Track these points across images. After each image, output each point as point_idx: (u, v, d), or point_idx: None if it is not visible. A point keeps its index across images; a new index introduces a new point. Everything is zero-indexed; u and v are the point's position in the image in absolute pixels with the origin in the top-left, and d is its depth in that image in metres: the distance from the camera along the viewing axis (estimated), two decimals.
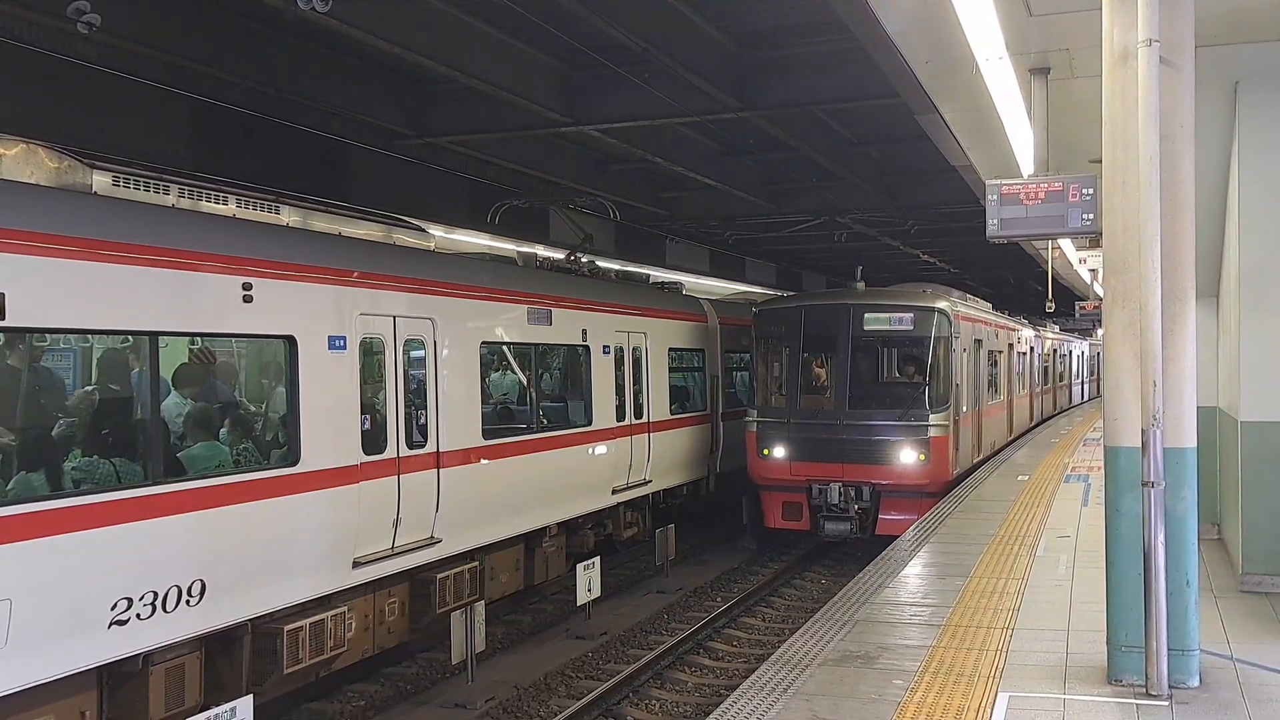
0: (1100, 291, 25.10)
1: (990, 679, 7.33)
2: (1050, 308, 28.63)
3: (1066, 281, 33.32)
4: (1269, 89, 9.49)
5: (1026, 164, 11.84)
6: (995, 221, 9.65)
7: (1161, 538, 6.78)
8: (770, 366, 18.39)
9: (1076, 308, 32.17)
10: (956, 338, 17.54)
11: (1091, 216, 9.21)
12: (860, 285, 18.57)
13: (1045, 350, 34.43)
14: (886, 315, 17.31)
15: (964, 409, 18.22)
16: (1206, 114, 7.95)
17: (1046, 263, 25.66)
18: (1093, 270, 25.54)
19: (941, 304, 17.44)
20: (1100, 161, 7.21)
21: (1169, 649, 6.81)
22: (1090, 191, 9.21)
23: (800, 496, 17.45)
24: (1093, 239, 16.37)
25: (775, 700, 7.00)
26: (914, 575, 10.67)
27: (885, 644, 8.25)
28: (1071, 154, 11.93)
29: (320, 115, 15.64)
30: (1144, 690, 6.85)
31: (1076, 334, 47.22)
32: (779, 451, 17.41)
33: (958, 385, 17.58)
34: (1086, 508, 14.69)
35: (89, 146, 10.28)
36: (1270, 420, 9.58)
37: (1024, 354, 28.27)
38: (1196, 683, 7.02)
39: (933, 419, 16.75)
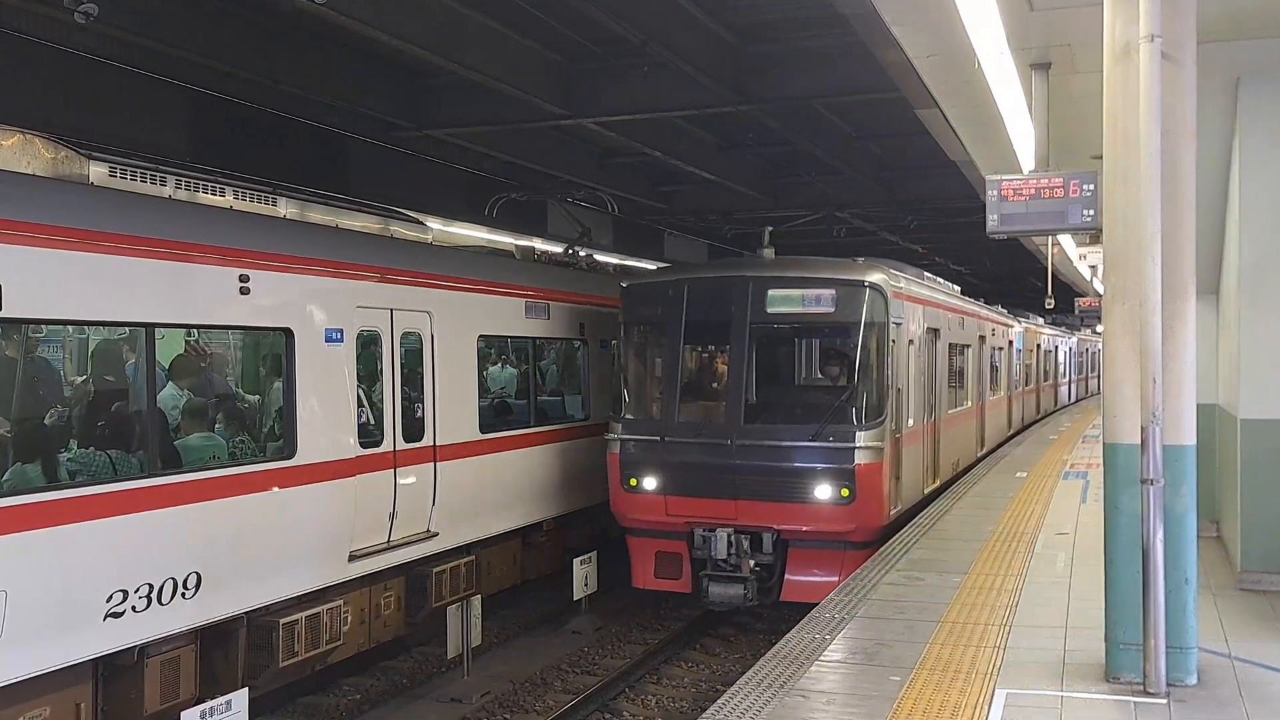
0: (1100, 288, 25.09)
1: (988, 676, 7.31)
2: (1050, 304, 28.62)
3: (1066, 277, 33.28)
4: (1271, 85, 9.46)
5: (1027, 159, 11.78)
6: (995, 217, 9.61)
7: (1160, 535, 6.76)
8: (641, 364, 13.82)
9: (1076, 304, 32.14)
10: (898, 324, 13.19)
11: (1092, 212, 9.18)
12: (767, 252, 13.75)
13: (1027, 345, 30.35)
14: (798, 293, 12.60)
15: (909, 422, 13.89)
16: (1208, 110, 7.92)
17: (1046, 259, 25.62)
18: (1092, 266, 25.44)
19: (875, 277, 12.67)
20: (1101, 157, 7.19)
21: (1167, 647, 6.79)
22: (1091, 187, 9.18)
23: (679, 545, 12.81)
24: (1093, 235, 16.41)
25: (772, 696, 6.99)
26: (911, 571, 10.65)
27: (882, 640, 8.23)
28: (1072, 150, 11.89)
29: (318, 107, 15.59)
30: (1142, 688, 6.83)
31: (1064, 328, 43.80)
32: (650, 482, 12.75)
33: (899, 390, 13.20)
34: (1085, 505, 14.68)
35: (86, 137, 10.25)
36: (1270, 418, 9.56)
37: (1000, 349, 24.31)
38: (1194, 681, 7.00)
39: (861, 438, 12.14)
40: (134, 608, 8.11)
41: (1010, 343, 26.03)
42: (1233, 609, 9.12)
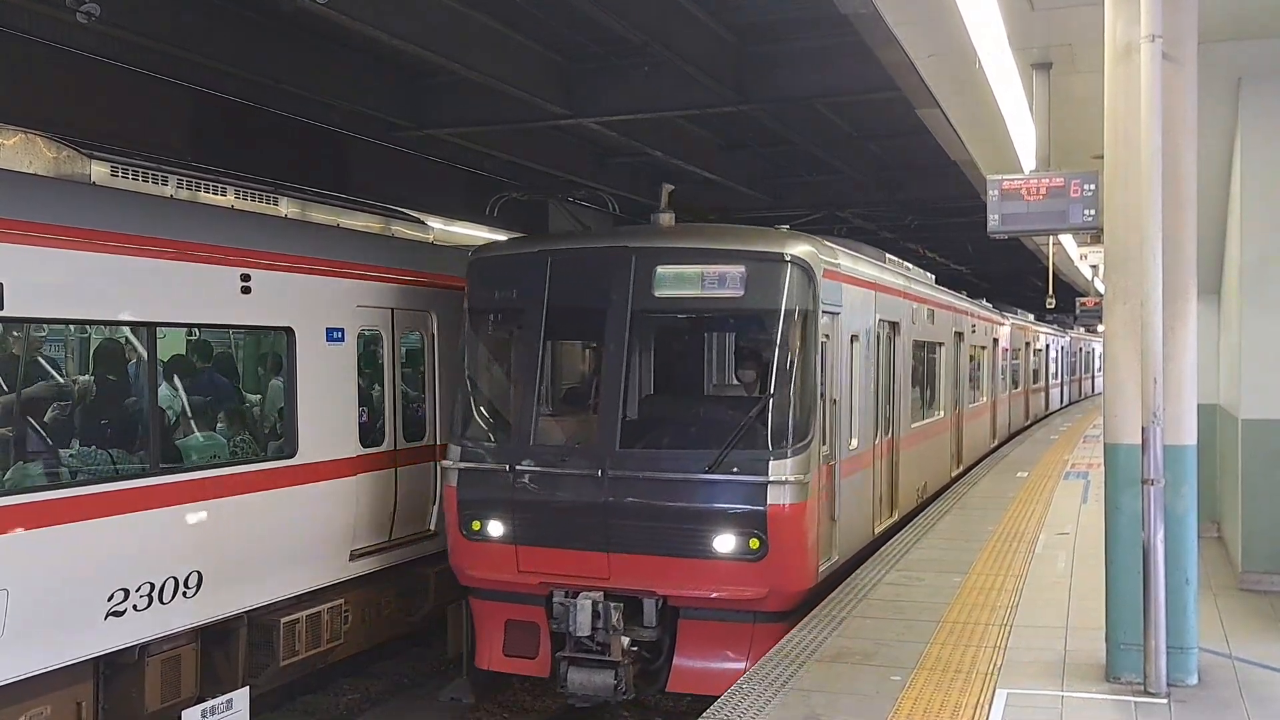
0: (1101, 287, 25.09)
1: (988, 676, 7.31)
2: (1051, 303, 28.61)
3: (1067, 277, 33.30)
4: (1272, 86, 9.47)
5: (1028, 159, 11.80)
6: (996, 217, 9.62)
7: (1161, 535, 6.76)
8: (490, 365, 10.57)
9: (1077, 304, 32.14)
10: (833, 314, 10.18)
11: (1093, 212, 9.18)
12: (664, 218, 10.45)
13: (1014, 344, 27.40)
14: (695, 270, 9.49)
15: (851, 443, 10.91)
16: (1209, 110, 7.92)
17: (1047, 259, 25.63)
18: (1093, 266, 25.45)
19: (798, 250, 9.53)
20: (1102, 157, 7.19)
21: (1168, 647, 6.79)
22: (1092, 187, 9.18)
23: (535, 612, 9.63)
24: (1094, 235, 16.38)
25: (772, 696, 6.99)
26: (912, 571, 10.65)
27: (882, 639, 8.23)
28: (1073, 149, 11.90)
29: (319, 107, 15.58)
30: (1142, 688, 6.83)
31: (1056, 325, 41.09)
32: (495, 527, 9.62)
33: (834, 401, 10.29)
34: (1086, 505, 14.68)
35: (87, 136, 10.25)
36: (1271, 418, 9.57)
37: (984, 348, 21.80)
38: (1195, 681, 7.00)
39: (777, 469, 9.04)
40: (135, 606, 8.12)
41: (995, 341, 23.66)
42: (1233, 609, 9.12)
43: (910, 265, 16.05)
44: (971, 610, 9.07)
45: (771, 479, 8.98)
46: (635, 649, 9.29)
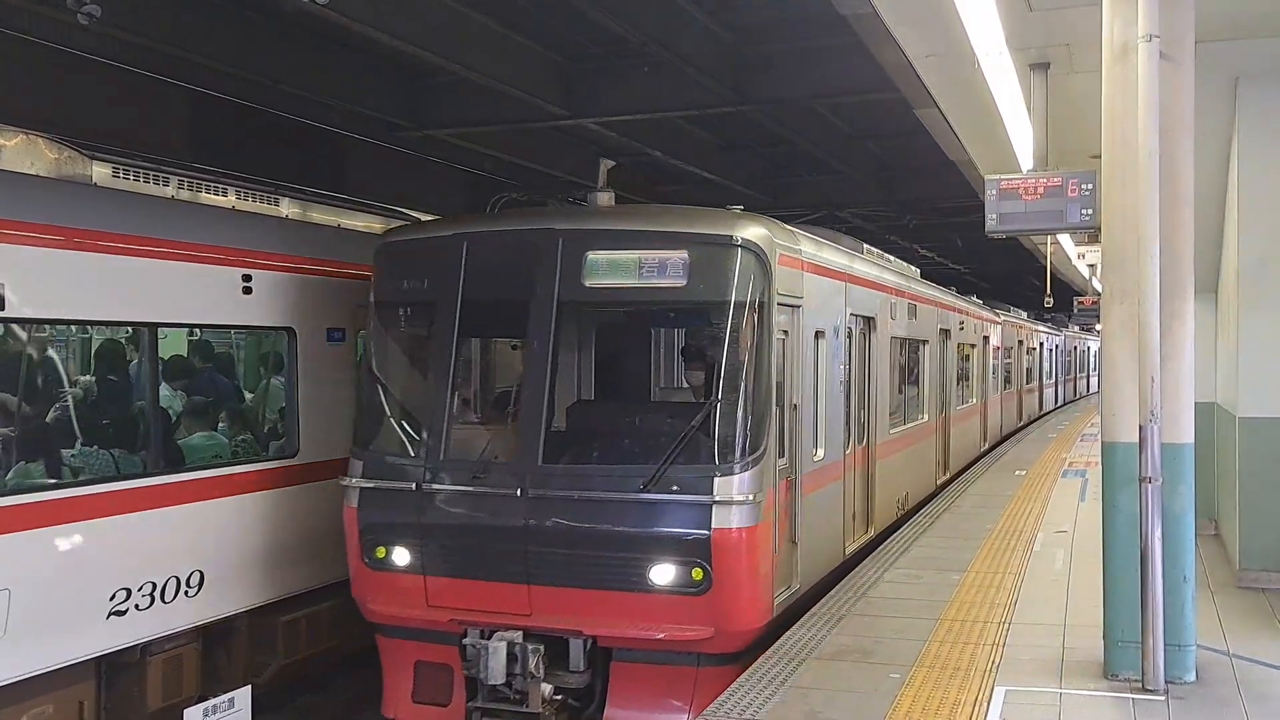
0: (1098, 287, 25.11)
1: (986, 673, 7.34)
2: (1049, 303, 28.64)
3: (1065, 277, 33.33)
4: (1269, 85, 9.49)
5: (1026, 159, 11.83)
6: (994, 217, 9.66)
7: (1159, 534, 6.78)
8: (398, 367, 9.24)
9: (1074, 303, 32.18)
10: (793, 306, 9.08)
11: (1090, 212, 9.22)
12: (602, 197, 9.33)
13: (1006, 342, 26.27)
14: (632, 256, 8.28)
15: (816, 453, 9.80)
16: (1206, 110, 7.96)
17: (1045, 258, 25.66)
18: (1091, 266, 25.48)
19: (750, 233, 8.35)
20: (1100, 157, 7.21)
21: (1165, 644, 6.82)
22: (1089, 187, 9.22)
23: (448, 653, 8.38)
24: (1091, 234, 16.42)
25: (772, 694, 7.01)
26: (910, 569, 10.67)
27: (881, 637, 8.25)
28: (1071, 149, 11.92)
29: (319, 107, 15.61)
30: (1140, 685, 6.86)
31: (1050, 323, 40.42)
32: (402, 554, 8.44)
33: (795, 407, 9.15)
34: (1084, 503, 14.70)
35: (88, 137, 10.27)
36: (1269, 416, 9.59)
37: (973, 346, 20.84)
38: (1193, 678, 7.03)
39: (724, 486, 7.85)
40: (137, 606, 8.14)
41: (986, 339, 22.62)
42: (1231, 607, 9.14)
43: (892, 258, 15.13)
44: (970, 608, 9.09)
45: (717, 499, 7.80)
46: (560, 698, 8.13)
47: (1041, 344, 35.37)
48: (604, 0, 12.66)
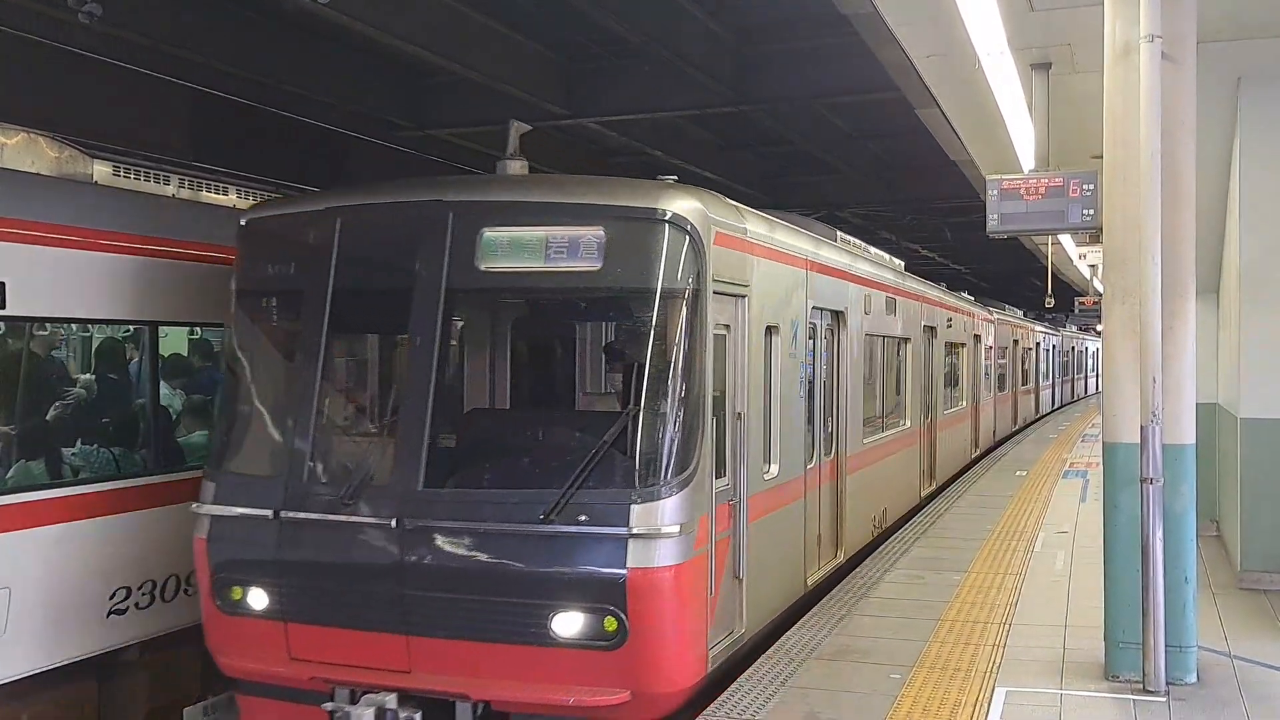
0: (1100, 287, 25.10)
1: (987, 674, 7.33)
2: (1050, 303, 28.64)
3: (1066, 277, 33.34)
4: (1271, 85, 9.49)
5: (1027, 159, 11.83)
6: (995, 216, 9.67)
7: (1160, 534, 6.78)
8: (260, 369, 7.72)
9: (1075, 303, 32.19)
10: (737, 296, 7.75)
11: (1091, 212, 9.22)
12: (512, 166, 7.88)
13: (1000, 342, 25.17)
14: (536, 234, 6.93)
15: (768, 470, 8.47)
16: (1208, 110, 7.95)
17: (1046, 258, 25.66)
18: (1092, 266, 25.49)
19: (679, 206, 6.99)
20: (1101, 157, 7.21)
21: (1166, 645, 6.81)
22: (1090, 187, 9.22)
23: (318, 716, 6.89)
24: (1093, 234, 16.41)
25: (772, 694, 7.00)
26: (910, 570, 10.67)
27: (881, 638, 8.24)
28: (1072, 149, 11.92)
29: (319, 106, 15.61)
30: (1141, 686, 6.85)
31: (1047, 322, 39.39)
32: (259, 597, 7.08)
33: (740, 415, 7.79)
34: (1085, 504, 14.70)
35: (89, 136, 10.27)
36: (1270, 417, 9.59)
37: (963, 345, 19.58)
38: (1194, 679, 7.02)
39: (644, 515, 6.52)
40: (137, 605, 8.14)
41: (977, 338, 21.40)
42: (1232, 608, 9.14)
43: (871, 247, 13.86)
44: (970, 608, 9.08)
45: (634, 530, 6.41)
46: None
47: (1038, 344, 34.35)
48: (604, 0, 12.66)
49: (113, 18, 10.44)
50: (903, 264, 15.77)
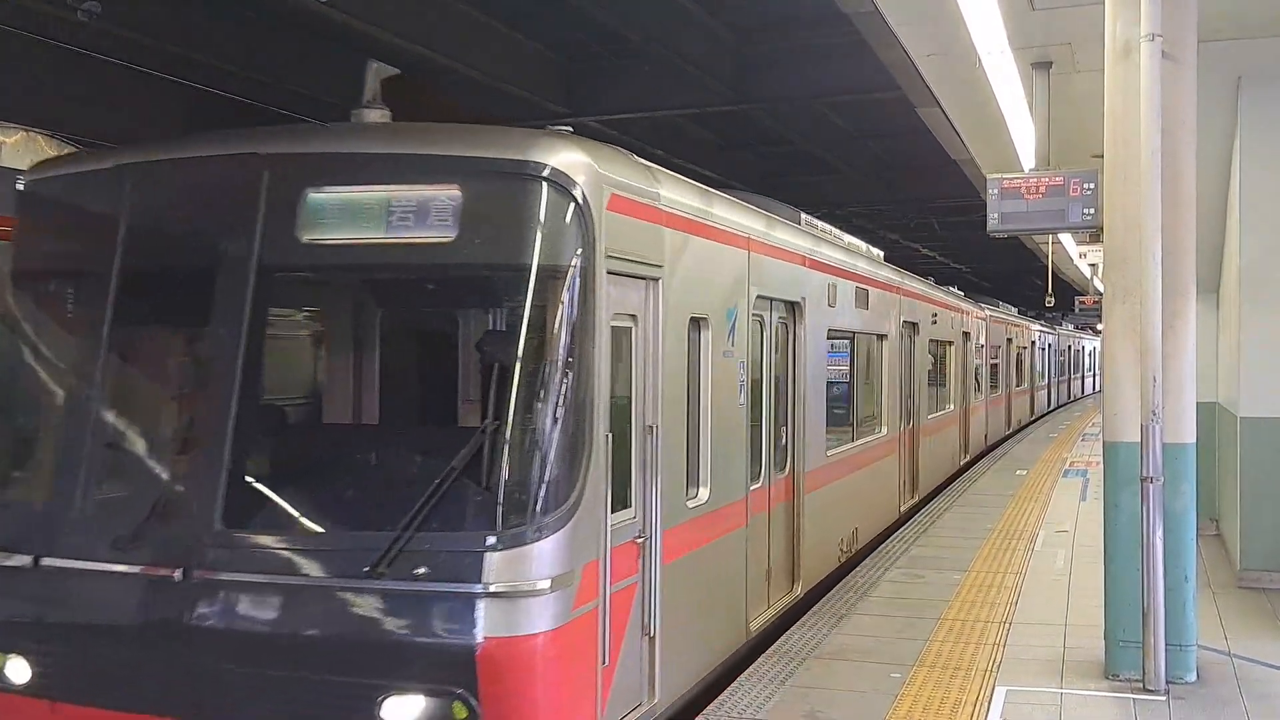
0: (1100, 286, 25.11)
1: (987, 673, 7.33)
2: (1050, 302, 28.64)
3: (1066, 276, 33.36)
4: (1271, 85, 9.49)
5: (1028, 158, 11.83)
6: (996, 216, 9.67)
7: (1160, 533, 6.78)
8: (34, 370, 6.02)
9: (1075, 302, 32.21)
10: (644, 278, 6.14)
11: (1092, 211, 9.22)
12: (371, 115, 6.18)
13: (993, 340, 23.99)
14: (377, 194, 5.32)
15: (695, 495, 6.94)
16: (1208, 109, 7.95)
17: (1046, 257, 25.67)
18: (1093, 265, 25.50)
19: (562, 159, 5.33)
20: (1102, 156, 7.21)
21: (1166, 644, 6.81)
22: (1091, 186, 9.22)
23: None
24: (1093, 234, 16.41)
25: (773, 693, 7.00)
26: (911, 569, 10.66)
27: (882, 636, 8.24)
28: (1073, 149, 11.93)
29: (319, 105, 15.60)
30: (1141, 685, 6.85)
31: (1043, 321, 38.38)
32: (19, 668, 5.39)
33: (652, 429, 6.21)
34: (1085, 503, 14.70)
35: (88, 134, 10.27)
36: (1270, 416, 9.59)
37: (950, 343, 18.26)
38: (1194, 678, 7.02)
39: (505, 565, 4.89)
40: None
41: (966, 335, 19.97)
42: (1232, 607, 9.14)
43: (838, 231, 12.10)
44: (971, 607, 9.08)
45: (491, 587, 4.86)
46: None
47: (1033, 342, 32.53)
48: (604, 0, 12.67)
49: (111, 15, 10.45)
50: (882, 254, 14.20)
